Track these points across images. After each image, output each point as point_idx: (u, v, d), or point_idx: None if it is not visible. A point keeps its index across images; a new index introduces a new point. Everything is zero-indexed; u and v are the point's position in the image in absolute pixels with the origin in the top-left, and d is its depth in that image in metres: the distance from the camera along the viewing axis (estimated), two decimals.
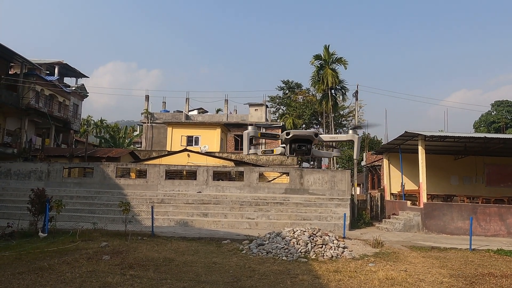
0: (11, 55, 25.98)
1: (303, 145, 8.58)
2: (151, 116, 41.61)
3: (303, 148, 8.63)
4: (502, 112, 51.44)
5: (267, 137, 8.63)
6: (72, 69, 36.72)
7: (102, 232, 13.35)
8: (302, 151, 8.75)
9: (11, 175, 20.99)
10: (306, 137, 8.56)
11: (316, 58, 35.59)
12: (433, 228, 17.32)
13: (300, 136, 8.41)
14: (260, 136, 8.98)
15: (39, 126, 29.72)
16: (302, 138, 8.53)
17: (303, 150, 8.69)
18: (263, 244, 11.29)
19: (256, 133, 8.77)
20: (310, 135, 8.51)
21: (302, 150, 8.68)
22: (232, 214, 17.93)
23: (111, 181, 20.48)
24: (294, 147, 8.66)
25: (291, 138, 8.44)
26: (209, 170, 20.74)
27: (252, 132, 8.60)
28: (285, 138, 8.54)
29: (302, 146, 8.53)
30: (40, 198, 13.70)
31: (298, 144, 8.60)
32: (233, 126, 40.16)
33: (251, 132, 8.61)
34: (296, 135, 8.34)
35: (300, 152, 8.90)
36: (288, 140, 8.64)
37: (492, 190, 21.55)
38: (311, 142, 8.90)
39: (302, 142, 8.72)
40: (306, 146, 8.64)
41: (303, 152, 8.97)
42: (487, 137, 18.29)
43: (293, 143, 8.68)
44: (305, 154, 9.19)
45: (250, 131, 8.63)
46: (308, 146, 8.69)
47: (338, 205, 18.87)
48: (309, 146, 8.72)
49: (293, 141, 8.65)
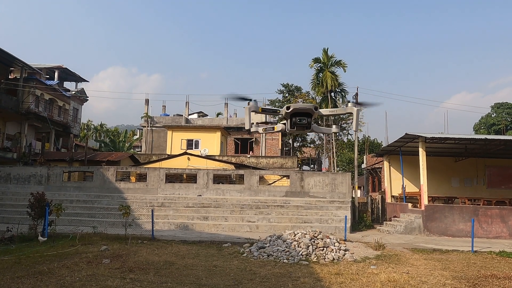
0: (11, 59, 25.98)
1: (303, 118, 8.75)
2: (151, 120, 41.58)
3: (304, 121, 8.78)
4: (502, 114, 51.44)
5: (268, 112, 8.92)
6: (72, 74, 36.72)
7: (102, 236, 13.29)
8: (303, 124, 8.87)
9: (11, 179, 20.94)
10: (306, 110, 8.70)
11: (315, 61, 35.60)
12: (435, 230, 17.24)
13: (300, 110, 8.55)
14: (261, 112, 9.11)
15: (39, 130, 29.69)
16: (302, 112, 8.67)
17: (303, 123, 8.83)
18: (264, 247, 11.24)
19: (257, 108, 8.91)
20: (310, 108, 8.67)
21: (303, 123, 8.82)
22: (232, 218, 17.86)
23: (111, 185, 20.42)
24: (295, 121, 8.81)
25: (292, 112, 8.58)
26: (209, 173, 20.69)
27: (253, 107, 8.77)
28: (286, 112, 8.70)
29: (302, 119, 8.69)
30: (40, 202, 13.64)
31: (298, 118, 8.75)
32: (233, 129, 40.11)
33: (252, 107, 8.78)
34: (296, 109, 8.48)
35: (301, 126, 9.01)
36: (288, 114, 8.79)
37: (493, 192, 21.51)
38: (311, 115, 9.04)
39: (303, 116, 8.88)
40: (307, 120, 8.80)
41: (303, 126, 9.08)
42: (487, 139, 18.25)
43: (293, 117, 8.84)
44: (306, 128, 9.28)
45: (251, 106, 8.79)
46: (308, 119, 8.85)
47: (339, 207, 18.81)
48: (309, 119, 8.88)
49: (293, 115, 8.80)
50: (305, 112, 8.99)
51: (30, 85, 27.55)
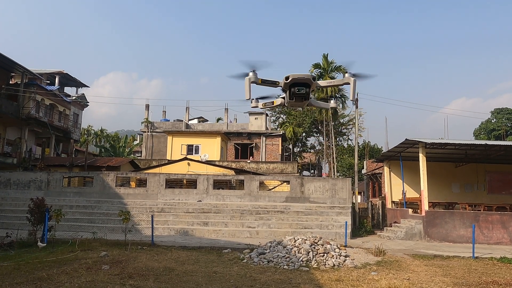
0: (12, 65, 26.06)
1: (302, 88, 9.12)
2: (151, 125, 41.61)
3: (302, 91, 9.15)
4: (502, 120, 51.48)
5: (267, 83, 9.20)
6: (72, 79, 36.82)
7: (101, 242, 13.25)
8: (301, 94, 9.23)
9: (11, 184, 20.91)
10: (304, 80, 9.06)
11: (315, 67, 35.64)
12: (435, 236, 17.19)
13: (298, 80, 8.91)
14: (261, 83, 9.39)
15: (39, 135, 29.70)
16: (301, 81, 9.01)
17: (302, 93, 9.19)
18: (264, 253, 11.20)
19: (256, 79, 9.25)
20: (308, 78, 9.04)
21: (301, 93, 9.18)
22: (232, 223, 17.82)
23: (111, 190, 20.39)
24: (294, 91, 9.17)
25: (290, 82, 8.92)
26: (210, 178, 20.67)
27: (253, 78, 9.10)
28: (285, 83, 9.02)
29: (301, 89, 9.06)
30: (40, 208, 13.63)
31: (297, 88, 9.11)
32: (233, 134, 40.13)
33: (252, 78, 9.12)
34: (295, 79, 8.82)
35: (299, 96, 9.35)
36: (287, 85, 9.12)
37: (493, 198, 21.46)
38: (309, 86, 9.40)
39: (301, 86, 9.25)
40: (305, 90, 9.16)
41: (302, 96, 9.42)
42: (487, 144, 18.25)
43: (292, 87, 9.19)
44: (304, 98, 9.61)
45: (251, 77, 9.14)
46: (306, 89, 9.22)
47: (339, 213, 18.77)
48: (308, 89, 9.23)
49: (292, 86, 9.15)
50: (304, 82, 9.37)
51: (31, 91, 27.61)
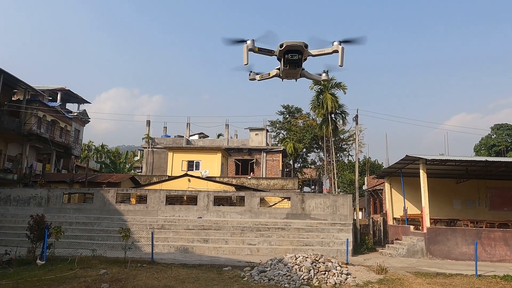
0: (15, 81, 26.32)
1: (295, 54, 9.90)
2: (152, 141, 41.75)
3: (295, 57, 9.99)
4: (502, 136, 51.56)
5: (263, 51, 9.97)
6: (74, 95, 37.12)
7: (101, 259, 13.15)
8: (295, 60, 10.06)
9: (11, 201, 20.85)
10: (297, 47, 9.85)
11: (315, 83, 35.98)
12: (437, 253, 17.04)
13: (292, 47, 9.70)
14: (258, 51, 10.16)
15: (40, 151, 29.77)
16: (294, 48, 9.77)
17: (295, 59, 10.01)
18: (265, 271, 11.11)
19: (254, 47, 10.08)
20: (300, 45, 9.84)
21: (294, 59, 10.00)
22: (233, 240, 17.69)
23: (111, 207, 20.32)
24: (287, 58, 9.92)
25: (285, 49, 9.67)
26: (210, 195, 20.62)
27: (251, 45, 9.89)
28: (279, 50, 9.79)
29: (294, 55, 9.87)
30: (39, 225, 13.57)
31: (290, 54, 9.89)
32: (234, 150, 40.19)
33: (250, 45, 9.90)
34: (289, 45, 9.59)
35: (293, 62, 10.12)
36: (282, 52, 9.89)
37: (495, 214, 21.33)
38: (301, 53, 10.13)
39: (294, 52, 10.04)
40: (298, 56, 9.92)
41: (295, 63, 10.19)
42: (488, 161, 18.26)
43: (286, 54, 9.95)
44: (297, 65, 10.36)
45: (249, 44, 9.94)
46: (299, 56, 10.01)
47: (341, 230, 18.65)
48: (300, 56, 9.99)
49: (286, 53, 9.89)
50: (296, 49, 10.09)
51: (33, 107, 27.80)
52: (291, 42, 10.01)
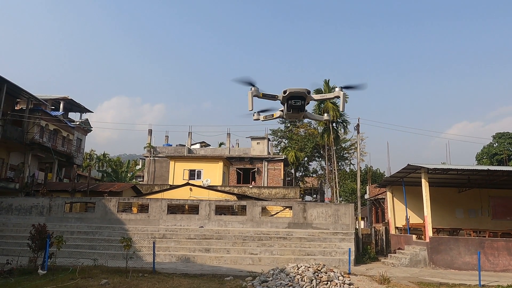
0: (18, 91, 26.50)
1: (298, 100, 10.22)
2: (153, 150, 41.81)
3: (298, 103, 10.31)
4: (504, 144, 51.42)
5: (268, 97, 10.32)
6: (77, 104, 37.28)
7: (102, 269, 13.11)
8: (297, 106, 10.37)
9: (12, 210, 20.86)
10: (300, 93, 10.13)
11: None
12: (440, 263, 16.93)
13: (295, 93, 9.99)
14: (262, 96, 10.49)
15: (42, 160, 29.82)
16: (297, 94, 10.06)
17: (298, 105, 10.34)
18: (267, 281, 11.06)
19: (258, 93, 10.38)
20: (303, 92, 10.12)
21: (297, 105, 10.33)
22: (234, 250, 17.63)
23: (112, 216, 20.31)
24: (291, 103, 10.26)
25: (288, 95, 9.99)
26: (211, 204, 20.59)
27: (255, 91, 10.21)
28: (283, 96, 10.10)
29: (297, 101, 10.18)
30: (41, 234, 13.57)
31: (294, 100, 10.21)
32: (236, 159, 40.21)
33: (254, 92, 10.22)
34: (292, 92, 9.89)
35: (296, 107, 10.48)
36: (285, 98, 10.19)
37: (498, 223, 21.23)
38: (304, 99, 10.43)
39: (297, 98, 10.33)
40: (300, 102, 10.23)
41: (298, 108, 10.53)
42: (490, 170, 18.24)
43: (289, 100, 10.24)
44: (300, 110, 10.65)
45: (254, 91, 10.29)
46: (302, 102, 10.33)
47: (343, 239, 18.57)
48: (303, 102, 10.31)
49: (289, 99, 10.18)
50: (300, 96, 10.35)
51: (36, 116, 27.93)
52: (294, 89, 10.40)
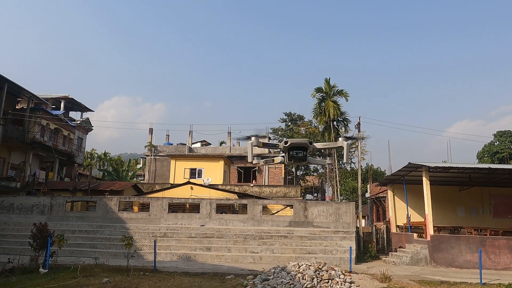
0: (19, 90, 26.52)
1: (300, 152, 9.54)
2: (154, 149, 41.80)
3: (300, 154, 9.59)
4: (505, 143, 51.32)
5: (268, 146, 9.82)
6: (77, 103, 37.32)
7: (103, 268, 13.12)
8: (299, 157, 9.67)
9: (14, 209, 20.90)
10: (302, 144, 9.44)
11: (317, 91, 36.04)
12: (441, 261, 16.92)
13: (296, 144, 9.33)
14: (262, 146, 9.90)
15: (43, 159, 29.87)
16: (299, 145, 9.43)
17: (299, 156, 9.64)
18: (268, 279, 11.06)
19: (258, 143, 9.72)
20: (305, 143, 9.43)
21: (299, 156, 9.61)
22: (235, 248, 17.64)
23: (113, 215, 20.33)
24: (292, 154, 9.59)
25: (289, 146, 9.34)
26: (212, 203, 20.60)
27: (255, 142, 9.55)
28: (284, 146, 9.44)
29: (298, 153, 9.47)
30: (42, 233, 13.58)
31: (295, 151, 9.53)
32: (236, 158, 40.19)
33: (254, 142, 9.58)
34: (293, 143, 9.26)
35: (297, 158, 9.81)
36: (286, 148, 9.53)
37: (499, 222, 21.20)
38: (306, 149, 9.80)
39: (299, 150, 9.65)
40: (302, 153, 9.57)
41: (299, 159, 9.88)
42: (491, 168, 18.22)
43: (290, 150, 9.60)
44: (302, 160, 10.09)
45: (253, 141, 9.61)
46: (304, 153, 9.64)
47: (344, 238, 18.57)
48: (305, 153, 9.64)
49: (291, 149, 9.56)
50: (301, 147, 9.75)
51: (37, 115, 27.97)
52: (295, 140, 9.93)
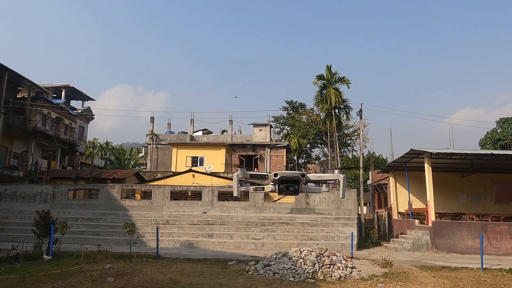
0: (20, 79, 26.42)
1: (291, 185, 8.51)
2: (156, 137, 41.81)
3: (291, 188, 8.58)
4: (507, 129, 51.12)
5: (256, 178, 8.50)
6: (78, 92, 37.21)
7: (106, 254, 13.23)
8: (290, 191, 8.73)
9: (17, 197, 21.02)
10: (293, 178, 8.48)
11: (319, 78, 35.84)
12: (443, 247, 16.99)
13: (287, 177, 8.32)
14: (249, 178, 8.84)
15: (45, 148, 29.92)
16: (290, 178, 8.44)
17: (290, 190, 8.66)
18: (270, 264, 11.12)
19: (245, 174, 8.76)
20: (297, 176, 8.43)
21: (290, 190, 8.64)
22: (237, 235, 17.73)
23: (116, 203, 20.42)
24: (282, 188, 8.57)
25: (279, 179, 8.36)
26: (214, 190, 20.65)
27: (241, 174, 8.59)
28: (274, 179, 8.48)
29: (289, 186, 8.46)
30: (45, 220, 13.67)
31: (286, 184, 8.51)
32: (238, 146, 40.21)
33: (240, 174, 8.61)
34: (284, 176, 8.24)
35: (288, 192, 8.90)
36: (276, 180, 8.57)
37: (501, 208, 21.22)
38: (298, 182, 8.82)
39: (290, 183, 8.64)
40: (294, 187, 8.56)
41: (291, 192, 8.97)
42: (494, 154, 18.14)
43: (281, 183, 8.58)
44: (293, 193, 9.19)
45: (239, 173, 8.64)
46: (295, 186, 8.61)
47: (345, 224, 18.63)
48: (297, 186, 8.63)
49: (281, 182, 8.54)
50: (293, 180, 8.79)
51: (38, 104, 27.91)
52: (286, 173, 8.81)
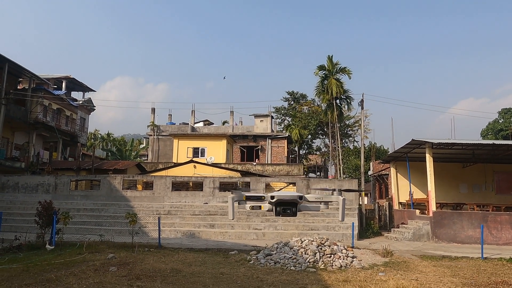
0: (20, 70, 26.35)
1: (288, 208, 8.36)
2: (157, 128, 41.78)
3: (288, 211, 8.43)
4: (509, 120, 50.92)
5: (252, 199, 8.17)
6: (79, 84, 37.13)
7: (109, 244, 13.32)
8: (287, 214, 8.59)
9: (19, 188, 21.11)
10: (291, 200, 8.34)
11: (320, 69, 35.63)
12: (443, 237, 17.05)
13: (284, 200, 8.18)
14: (245, 199, 8.58)
15: (46, 140, 29.97)
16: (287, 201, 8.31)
17: (287, 213, 8.52)
18: (271, 254, 11.19)
19: (241, 196, 8.52)
20: (294, 199, 8.27)
21: (287, 213, 8.50)
22: (239, 225, 17.82)
23: (117, 193, 20.50)
24: (279, 210, 8.41)
25: (276, 201, 8.21)
26: (216, 181, 20.71)
27: (237, 196, 8.39)
28: (270, 201, 8.32)
29: (287, 209, 8.32)
30: (48, 211, 13.73)
31: (283, 207, 8.36)
32: (239, 137, 40.17)
33: (236, 197, 8.43)
34: (280, 199, 8.09)
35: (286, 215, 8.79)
36: (273, 203, 8.43)
37: (502, 198, 21.24)
38: (296, 204, 8.70)
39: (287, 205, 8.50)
40: (291, 210, 8.41)
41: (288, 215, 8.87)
42: (495, 144, 18.10)
43: (278, 206, 8.42)
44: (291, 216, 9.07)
45: (235, 196, 8.42)
46: (293, 209, 8.45)
47: (346, 214, 18.60)
48: (294, 209, 8.47)
49: (278, 204, 8.39)
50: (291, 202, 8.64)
51: (38, 95, 27.87)
52: (283, 195, 8.53)
